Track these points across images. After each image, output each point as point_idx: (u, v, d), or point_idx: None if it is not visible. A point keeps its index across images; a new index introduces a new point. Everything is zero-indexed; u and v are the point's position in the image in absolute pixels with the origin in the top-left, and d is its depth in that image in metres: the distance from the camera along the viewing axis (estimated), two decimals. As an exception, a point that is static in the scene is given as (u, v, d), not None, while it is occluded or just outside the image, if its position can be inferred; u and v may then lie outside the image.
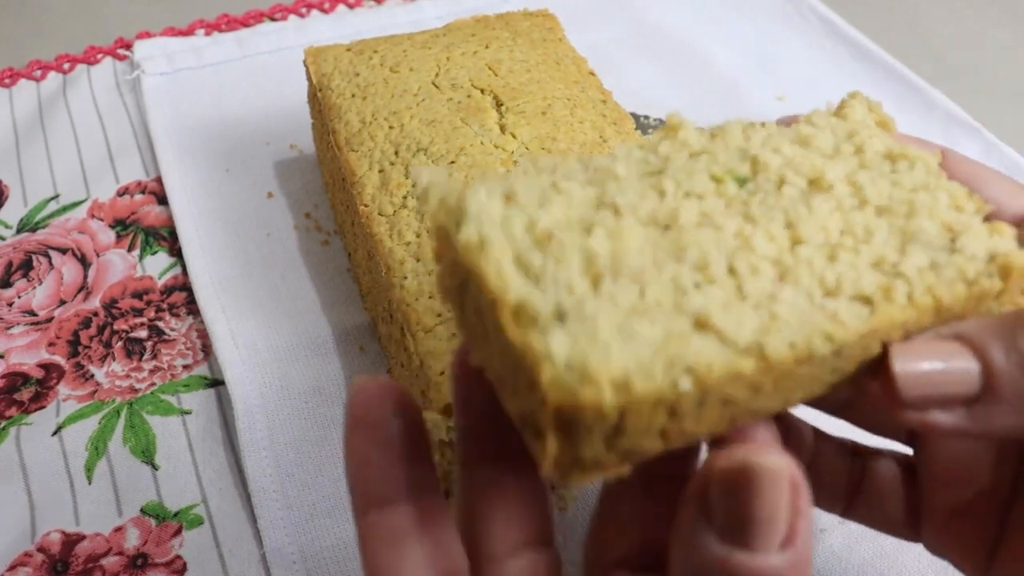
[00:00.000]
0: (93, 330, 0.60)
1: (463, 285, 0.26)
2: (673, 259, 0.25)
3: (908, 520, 0.35)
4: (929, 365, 0.26)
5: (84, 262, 0.64)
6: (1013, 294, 0.28)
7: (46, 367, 0.58)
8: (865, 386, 0.27)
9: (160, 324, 0.60)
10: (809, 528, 0.23)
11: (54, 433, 0.54)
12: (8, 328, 0.60)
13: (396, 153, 0.53)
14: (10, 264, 0.64)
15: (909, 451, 0.36)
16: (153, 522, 0.50)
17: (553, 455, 0.23)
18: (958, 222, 0.28)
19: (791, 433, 0.35)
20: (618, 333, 0.23)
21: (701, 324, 0.24)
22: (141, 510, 0.51)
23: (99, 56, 0.82)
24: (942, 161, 0.32)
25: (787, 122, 0.32)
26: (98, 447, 0.53)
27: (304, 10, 0.88)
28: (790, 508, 0.23)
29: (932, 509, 0.34)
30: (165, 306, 0.61)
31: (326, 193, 0.68)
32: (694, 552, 0.24)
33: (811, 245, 0.27)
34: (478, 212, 0.25)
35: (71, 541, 0.49)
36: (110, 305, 0.61)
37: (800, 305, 0.25)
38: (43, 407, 0.56)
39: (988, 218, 0.29)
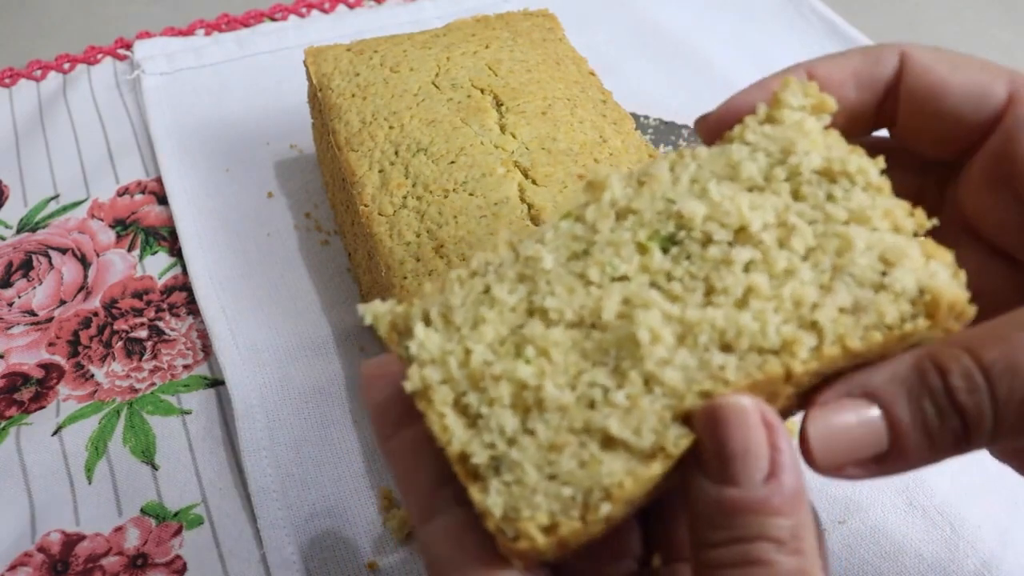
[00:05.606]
0: (93, 330, 0.60)
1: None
2: (592, 364, 0.28)
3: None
4: (841, 431, 0.27)
5: (84, 262, 0.64)
6: (943, 325, 0.28)
7: (46, 367, 0.58)
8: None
9: (160, 324, 0.60)
10: (793, 465, 0.26)
11: (54, 433, 0.54)
12: (8, 328, 0.60)
13: (396, 153, 0.53)
14: (10, 264, 0.64)
15: None
16: (153, 522, 0.50)
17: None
18: (894, 249, 0.28)
19: None
20: (542, 476, 0.26)
21: (607, 442, 0.26)
22: (141, 510, 0.51)
23: (99, 56, 0.82)
24: (903, 68, 0.32)
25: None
26: (98, 447, 0.53)
27: (304, 10, 0.88)
28: (767, 445, 0.26)
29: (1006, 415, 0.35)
30: (165, 306, 0.61)
31: (326, 193, 0.68)
32: (693, 500, 0.26)
33: (725, 298, 0.28)
34: (418, 351, 0.28)
35: (71, 541, 0.49)
36: (110, 305, 0.61)
37: (689, 365, 0.27)
38: (43, 407, 0.56)
39: (928, 233, 0.29)
